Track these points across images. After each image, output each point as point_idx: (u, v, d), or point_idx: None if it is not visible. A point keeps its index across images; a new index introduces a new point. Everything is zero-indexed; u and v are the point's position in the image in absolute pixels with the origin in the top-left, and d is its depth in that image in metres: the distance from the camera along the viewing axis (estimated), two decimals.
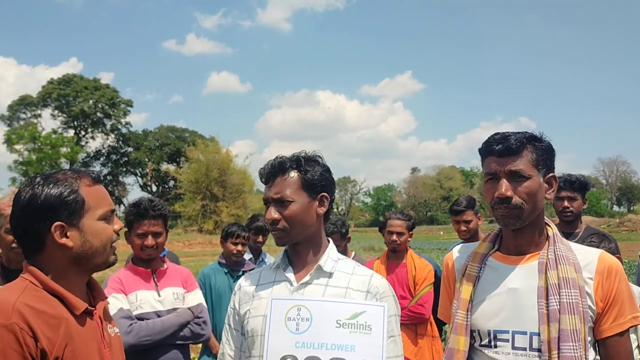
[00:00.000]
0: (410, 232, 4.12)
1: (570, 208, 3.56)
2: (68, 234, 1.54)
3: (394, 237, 4.02)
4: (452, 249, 2.06)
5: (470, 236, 4.11)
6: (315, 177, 1.82)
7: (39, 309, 1.43)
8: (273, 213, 1.80)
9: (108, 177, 62.46)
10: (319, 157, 1.89)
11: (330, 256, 1.86)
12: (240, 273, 4.11)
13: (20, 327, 1.36)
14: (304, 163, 1.83)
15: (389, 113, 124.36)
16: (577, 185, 3.57)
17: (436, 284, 3.98)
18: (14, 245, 2.55)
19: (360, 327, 1.63)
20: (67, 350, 1.44)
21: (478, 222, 4.25)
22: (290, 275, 1.83)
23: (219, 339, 3.94)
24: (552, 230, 1.80)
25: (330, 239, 1.94)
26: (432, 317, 3.95)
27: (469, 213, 4.16)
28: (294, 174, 1.81)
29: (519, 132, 1.75)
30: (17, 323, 1.36)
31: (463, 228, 4.14)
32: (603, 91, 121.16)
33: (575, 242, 1.97)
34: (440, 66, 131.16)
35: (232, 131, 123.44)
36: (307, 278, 1.80)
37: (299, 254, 1.86)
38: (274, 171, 1.83)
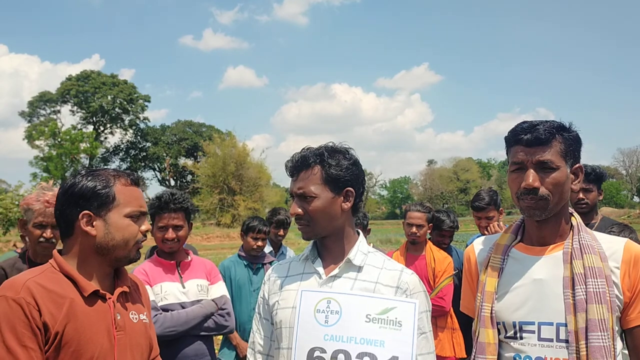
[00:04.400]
0: (430, 224, 4.10)
1: (586, 200, 3.53)
2: (94, 223, 1.68)
3: (414, 229, 4.01)
4: (472, 242, 2.04)
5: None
6: (340, 172, 1.78)
7: (49, 287, 1.58)
8: (296, 208, 1.79)
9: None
10: (347, 149, 1.84)
11: (360, 249, 1.83)
12: (260, 266, 4.14)
13: (27, 301, 1.52)
14: (328, 157, 1.78)
15: (405, 105, 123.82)
16: (593, 176, 3.54)
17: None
18: (41, 239, 2.61)
19: (390, 322, 1.62)
20: (69, 327, 1.56)
21: (500, 217, 4.22)
22: (319, 267, 1.82)
23: (238, 330, 3.98)
24: (576, 220, 1.78)
25: (359, 231, 1.92)
26: (452, 309, 3.95)
27: (491, 209, 4.11)
28: (317, 169, 1.78)
29: (547, 121, 1.70)
30: (24, 297, 1.52)
31: (484, 224, 4.11)
32: (623, 81, 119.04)
33: None
34: (457, 57, 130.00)
35: (249, 125, 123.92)
36: (336, 271, 1.79)
37: (328, 247, 1.84)
38: (298, 166, 1.81)
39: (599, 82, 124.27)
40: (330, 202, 1.78)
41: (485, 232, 3.95)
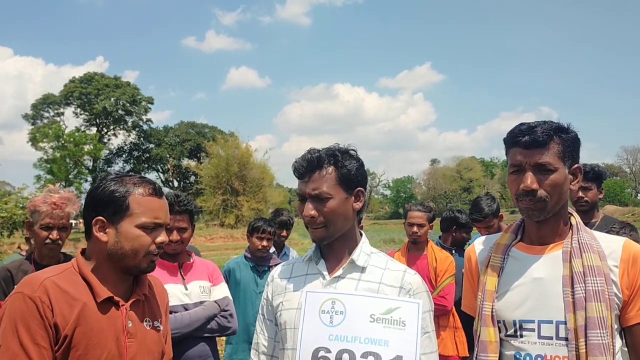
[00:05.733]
0: (431, 224, 4.13)
1: (585, 198, 3.56)
2: (106, 230, 1.69)
3: (415, 228, 4.03)
4: (472, 241, 2.06)
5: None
6: (352, 172, 1.78)
7: (64, 288, 1.60)
8: (311, 210, 1.76)
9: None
10: (354, 150, 1.84)
11: (363, 250, 1.84)
12: (266, 268, 4.15)
13: (42, 300, 1.55)
14: (341, 158, 1.78)
15: (408, 105, 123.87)
16: (591, 175, 3.57)
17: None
18: (47, 241, 2.64)
19: (394, 322, 1.63)
20: (78, 331, 1.57)
21: (500, 222, 4.25)
22: (323, 268, 1.82)
23: (244, 332, 3.98)
24: (576, 219, 1.79)
25: (362, 232, 1.93)
26: (454, 308, 3.96)
27: (490, 219, 4.16)
28: (331, 169, 1.77)
29: (545, 123, 1.71)
30: (39, 296, 1.55)
31: (484, 233, 4.14)
32: (625, 79, 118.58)
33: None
34: (459, 56, 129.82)
35: (252, 126, 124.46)
36: (339, 272, 1.79)
37: (333, 248, 1.84)
38: (311, 166, 1.78)
39: (602, 80, 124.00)
40: (344, 202, 1.78)
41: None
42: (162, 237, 1.74)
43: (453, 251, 4.42)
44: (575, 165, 1.75)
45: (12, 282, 2.60)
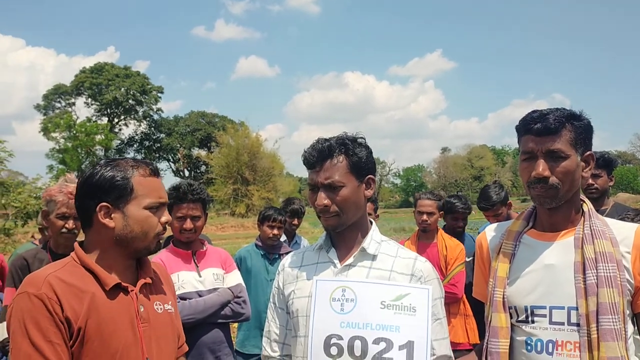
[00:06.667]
0: (441, 212, 4.14)
1: (595, 185, 3.57)
2: (112, 215, 1.65)
3: (424, 217, 4.04)
4: (484, 228, 2.06)
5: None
6: (362, 159, 1.79)
7: (70, 282, 1.57)
8: (324, 199, 1.77)
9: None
10: (363, 138, 1.85)
11: (373, 238, 1.85)
12: (277, 256, 4.18)
13: (49, 296, 1.51)
14: (352, 146, 1.79)
15: (419, 93, 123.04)
16: (601, 161, 3.58)
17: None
18: (63, 230, 2.68)
19: (404, 308, 1.64)
20: (91, 322, 1.55)
21: (509, 210, 4.24)
22: (334, 257, 1.83)
23: (255, 319, 4.00)
24: (588, 206, 1.79)
25: (372, 220, 1.93)
26: (464, 296, 3.97)
27: (498, 207, 4.15)
28: (342, 158, 1.78)
29: (557, 110, 1.71)
30: (45, 293, 1.51)
31: (493, 221, 4.13)
32: (638, 65, 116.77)
33: None
34: (471, 43, 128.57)
35: (262, 115, 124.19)
36: (350, 260, 1.81)
37: (344, 237, 1.85)
38: (322, 155, 1.78)
39: (615, 67, 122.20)
40: (356, 190, 1.79)
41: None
42: (166, 217, 1.74)
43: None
44: (588, 153, 1.75)
45: (29, 270, 2.63)
